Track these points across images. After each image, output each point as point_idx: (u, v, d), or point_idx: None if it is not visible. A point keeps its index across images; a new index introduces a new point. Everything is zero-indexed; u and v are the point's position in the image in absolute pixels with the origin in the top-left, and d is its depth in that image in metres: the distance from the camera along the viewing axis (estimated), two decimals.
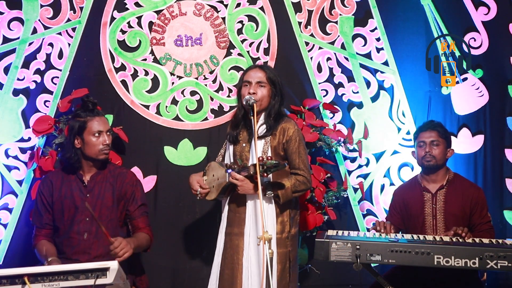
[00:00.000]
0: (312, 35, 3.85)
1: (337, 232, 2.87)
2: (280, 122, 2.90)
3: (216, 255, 2.96)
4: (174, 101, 3.77)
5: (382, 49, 3.87)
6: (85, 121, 2.93)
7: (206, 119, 3.78)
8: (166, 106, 3.76)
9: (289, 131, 2.88)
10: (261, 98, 2.87)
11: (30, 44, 3.66)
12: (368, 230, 3.80)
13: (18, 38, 3.65)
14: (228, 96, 3.78)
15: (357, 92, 3.85)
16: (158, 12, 3.76)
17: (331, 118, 3.84)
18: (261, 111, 2.89)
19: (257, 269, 2.78)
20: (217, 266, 2.91)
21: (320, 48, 3.85)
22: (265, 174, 2.62)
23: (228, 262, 2.86)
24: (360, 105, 3.86)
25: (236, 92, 3.04)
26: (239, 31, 3.81)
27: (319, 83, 3.85)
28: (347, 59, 3.86)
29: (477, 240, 2.83)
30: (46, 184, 2.99)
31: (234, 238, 2.88)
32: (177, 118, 3.77)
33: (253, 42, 3.81)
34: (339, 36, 3.85)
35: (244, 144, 2.93)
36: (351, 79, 3.86)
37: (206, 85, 3.79)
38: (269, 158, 2.63)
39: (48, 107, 3.67)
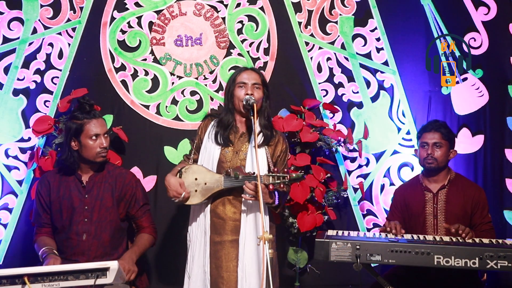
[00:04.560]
0: (312, 35, 3.85)
1: (337, 232, 2.87)
2: (275, 135, 2.92)
3: (195, 266, 2.85)
4: (174, 101, 3.77)
5: (382, 49, 3.87)
6: (82, 123, 2.89)
7: None
8: (166, 106, 3.76)
9: (282, 145, 2.92)
10: (258, 100, 2.85)
11: (30, 44, 3.66)
12: (368, 230, 3.81)
13: (18, 38, 3.65)
14: None
15: (357, 92, 3.85)
16: (158, 12, 3.76)
17: (331, 118, 3.84)
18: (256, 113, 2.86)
19: (255, 275, 2.75)
20: (202, 275, 2.82)
21: (320, 48, 3.85)
22: (282, 186, 2.69)
23: (222, 271, 2.79)
24: (360, 105, 3.86)
25: (225, 94, 2.94)
26: (239, 31, 3.81)
27: (319, 83, 3.85)
28: (347, 59, 3.86)
29: (477, 240, 2.83)
30: (44, 185, 2.97)
31: (227, 246, 2.81)
32: (177, 118, 3.77)
33: (253, 42, 3.81)
34: (339, 36, 3.85)
35: (237, 152, 2.85)
36: (351, 79, 3.86)
37: (206, 85, 3.79)
38: (286, 171, 2.72)
39: (48, 107, 3.67)
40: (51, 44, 3.69)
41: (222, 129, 2.88)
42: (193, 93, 3.79)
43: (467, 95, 3.88)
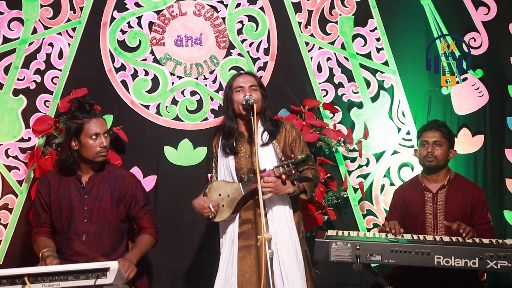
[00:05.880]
0: (312, 35, 3.85)
1: (337, 232, 2.87)
2: (280, 126, 2.91)
3: (220, 277, 2.82)
4: (174, 101, 3.77)
5: (382, 49, 3.87)
6: (82, 123, 2.88)
7: (206, 119, 3.78)
8: (166, 106, 3.76)
9: (292, 132, 2.91)
10: (257, 101, 2.84)
11: (30, 44, 3.66)
12: (368, 230, 3.81)
13: (18, 38, 3.65)
14: None
15: (357, 92, 3.86)
16: (158, 12, 3.76)
17: (331, 118, 3.84)
18: (257, 114, 2.86)
19: (295, 270, 2.73)
20: (231, 286, 2.78)
21: (320, 48, 3.85)
22: (293, 172, 2.68)
23: (248, 276, 2.74)
24: (360, 105, 3.86)
25: (224, 101, 2.95)
26: (239, 31, 3.81)
27: (319, 83, 3.85)
28: (347, 59, 3.86)
29: (477, 240, 2.83)
30: (44, 184, 2.97)
31: (254, 249, 2.77)
32: (177, 118, 3.77)
33: (253, 42, 3.81)
34: (339, 36, 3.85)
35: (248, 156, 2.86)
36: (351, 79, 3.86)
37: (206, 85, 3.79)
38: (293, 156, 2.70)
39: (48, 107, 3.67)
40: (51, 44, 3.69)
41: (227, 139, 2.89)
42: (193, 93, 3.79)
43: (467, 95, 3.88)
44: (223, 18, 3.79)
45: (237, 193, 2.79)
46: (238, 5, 3.79)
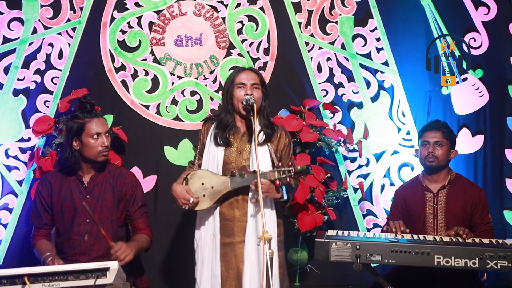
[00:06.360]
0: (312, 35, 3.85)
1: (337, 232, 2.87)
2: (276, 130, 2.91)
3: (205, 270, 2.84)
4: (174, 101, 3.77)
5: (382, 49, 3.87)
6: (83, 122, 2.88)
7: None
8: (166, 106, 3.76)
9: (285, 139, 2.91)
10: (257, 100, 2.84)
11: (30, 44, 3.66)
12: (368, 230, 3.81)
13: (18, 38, 3.65)
14: None
15: (357, 92, 3.86)
16: (158, 12, 3.76)
17: (331, 118, 3.84)
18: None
19: (259, 274, 2.73)
20: (213, 279, 2.81)
21: (320, 48, 3.85)
22: (288, 180, 2.68)
23: (232, 273, 2.79)
24: (360, 105, 3.86)
25: (224, 95, 2.93)
26: (239, 31, 3.81)
27: (319, 83, 3.85)
28: (347, 59, 3.86)
29: (477, 240, 2.83)
30: (45, 185, 2.96)
31: (237, 247, 2.80)
32: (177, 118, 3.77)
33: (253, 42, 3.81)
34: (339, 36, 3.85)
35: (240, 152, 2.85)
36: (351, 79, 3.86)
37: (206, 85, 3.79)
38: (290, 164, 2.72)
39: (48, 107, 3.67)
40: (51, 44, 3.69)
41: (221, 130, 2.87)
42: (193, 93, 3.79)
43: (467, 95, 3.88)
44: (223, 18, 3.79)
45: (222, 186, 2.78)
46: (238, 5, 3.79)
